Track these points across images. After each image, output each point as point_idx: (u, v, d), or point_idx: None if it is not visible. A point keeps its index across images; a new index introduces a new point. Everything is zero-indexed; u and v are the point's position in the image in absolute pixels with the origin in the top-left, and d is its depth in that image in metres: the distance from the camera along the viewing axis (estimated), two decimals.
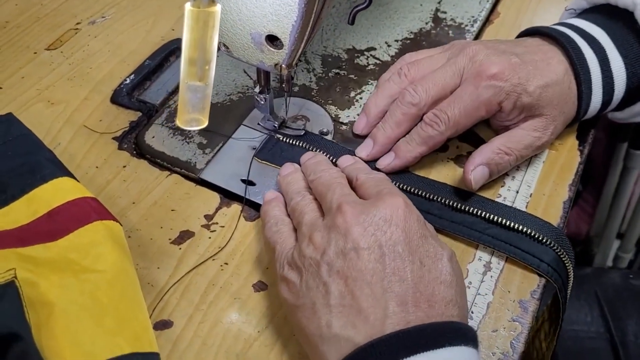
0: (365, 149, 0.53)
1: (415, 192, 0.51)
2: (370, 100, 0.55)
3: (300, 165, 0.51)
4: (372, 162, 0.53)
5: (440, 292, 0.38)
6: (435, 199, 0.50)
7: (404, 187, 0.51)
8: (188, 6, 0.36)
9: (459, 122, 0.50)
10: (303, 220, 0.44)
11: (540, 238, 0.47)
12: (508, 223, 0.48)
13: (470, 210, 0.49)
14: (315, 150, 0.54)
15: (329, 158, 0.52)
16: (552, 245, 0.47)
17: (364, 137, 0.55)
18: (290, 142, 0.55)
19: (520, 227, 0.48)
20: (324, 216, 0.43)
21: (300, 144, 0.55)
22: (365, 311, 0.37)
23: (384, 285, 0.38)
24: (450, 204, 0.50)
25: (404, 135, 0.53)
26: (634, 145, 1.12)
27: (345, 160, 0.51)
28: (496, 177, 0.52)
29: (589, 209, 1.33)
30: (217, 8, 0.36)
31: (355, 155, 0.53)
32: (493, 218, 0.49)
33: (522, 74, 0.49)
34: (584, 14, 0.57)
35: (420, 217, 0.41)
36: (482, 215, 0.49)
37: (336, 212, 0.41)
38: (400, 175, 0.53)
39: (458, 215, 0.50)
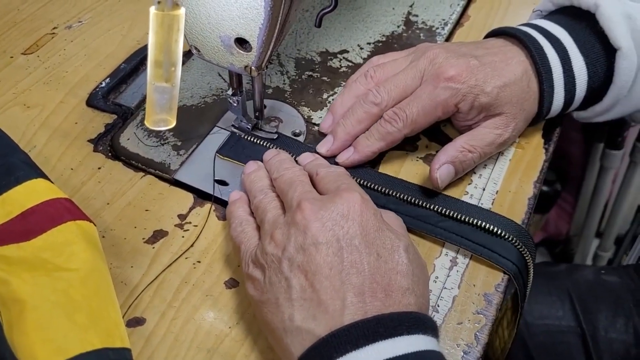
0: (325, 145, 0.55)
1: (373, 187, 0.52)
2: (337, 100, 0.56)
3: (263, 162, 0.53)
4: (332, 158, 0.54)
5: (397, 282, 0.40)
6: (390, 193, 0.52)
7: (363, 183, 0.53)
8: (153, 10, 0.37)
9: (417, 120, 0.52)
10: (265, 218, 0.45)
11: (500, 233, 0.49)
12: (468, 219, 0.50)
13: (425, 205, 0.51)
14: (277, 148, 0.55)
15: (292, 156, 0.53)
16: (511, 239, 0.48)
17: None
18: (253, 140, 0.56)
19: (481, 223, 0.49)
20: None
21: (263, 143, 0.56)
22: (325, 303, 0.38)
23: (342, 277, 0.39)
24: (406, 198, 0.51)
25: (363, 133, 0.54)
26: (610, 145, 1.14)
27: (305, 157, 0.53)
28: (462, 175, 0.54)
29: (568, 209, 1.35)
30: (181, 11, 0.37)
31: (316, 151, 0.55)
32: (447, 212, 0.50)
33: (479, 75, 0.51)
34: (549, 15, 0.58)
35: (377, 210, 0.43)
36: (435, 209, 0.50)
37: (296, 209, 0.42)
38: (359, 170, 0.54)
39: (412, 208, 0.51)
